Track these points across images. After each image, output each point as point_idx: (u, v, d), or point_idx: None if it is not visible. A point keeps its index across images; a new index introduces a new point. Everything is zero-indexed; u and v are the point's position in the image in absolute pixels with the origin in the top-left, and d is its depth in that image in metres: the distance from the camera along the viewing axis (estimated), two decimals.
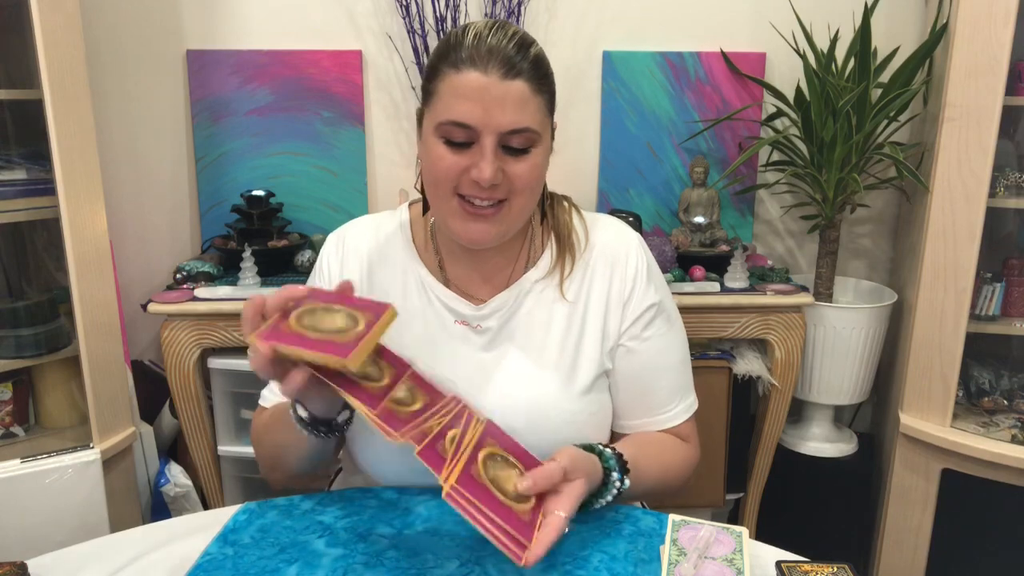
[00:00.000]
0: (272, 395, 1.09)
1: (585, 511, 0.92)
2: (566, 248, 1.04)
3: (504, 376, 1.00)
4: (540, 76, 0.93)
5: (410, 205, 1.11)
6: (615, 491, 0.91)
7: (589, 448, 0.92)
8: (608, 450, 0.93)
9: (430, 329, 1.02)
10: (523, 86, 0.90)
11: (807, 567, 0.80)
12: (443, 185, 0.93)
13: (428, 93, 0.94)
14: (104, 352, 1.61)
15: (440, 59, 0.92)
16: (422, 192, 1.04)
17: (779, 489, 1.93)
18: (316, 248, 1.86)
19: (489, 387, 0.99)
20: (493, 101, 0.89)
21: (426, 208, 1.06)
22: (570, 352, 1.01)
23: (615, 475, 0.91)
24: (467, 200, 0.93)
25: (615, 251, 1.05)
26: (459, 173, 0.92)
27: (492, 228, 0.95)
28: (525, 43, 0.92)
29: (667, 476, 1.03)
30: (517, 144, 0.92)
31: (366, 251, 1.06)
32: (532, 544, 0.76)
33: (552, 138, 0.99)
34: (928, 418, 1.75)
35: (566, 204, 1.09)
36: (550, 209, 1.07)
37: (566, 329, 1.02)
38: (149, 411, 1.90)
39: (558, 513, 0.79)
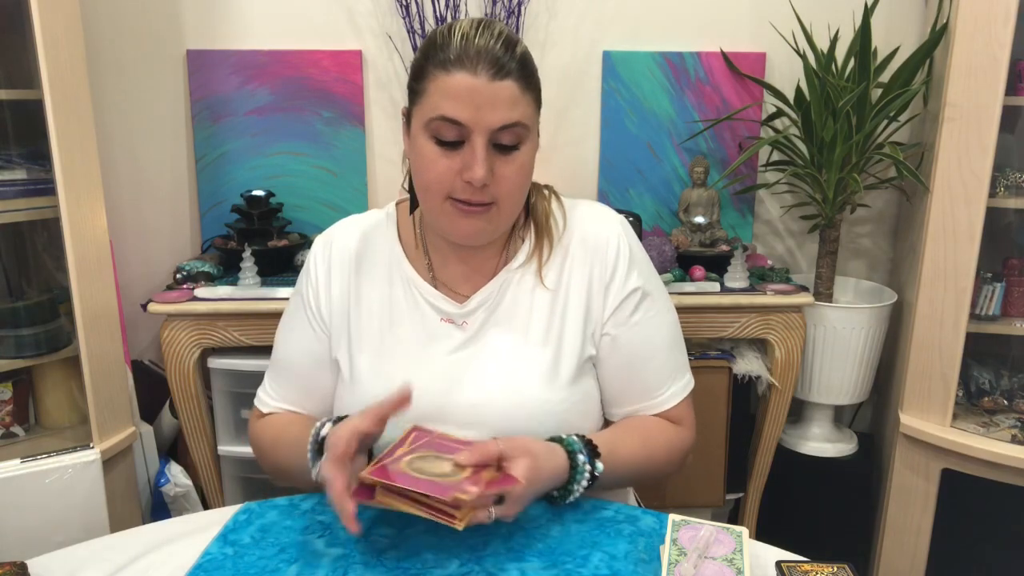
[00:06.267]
0: (269, 399, 1.10)
1: (564, 501, 0.92)
2: (544, 234, 1.04)
3: (486, 370, 1.00)
4: (527, 75, 0.93)
5: (397, 204, 1.11)
6: (587, 475, 0.91)
7: (554, 440, 0.93)
8: (572, 436, 0.94)
9: (415, 329, 1.03)
10: (512, 85, 0.91)
11: (807, 567, 0.80)
12: (435, 191, 0.94)
13: (416, 92, 0.95)
14: (104, 352, 1.61)
15: (427, 59, 0.92)
16: (410, 191, 1.05)
17: (779, 489, 1.93)
18: None
19: (471, 382, 1.00)
20: (484, 101, 0.89)
21: (413, 206, 1.06)
22: (553, 341, 1.01)
23: (581, 457, 0.91)
24: (459, 201, 0.94)
25: (596, 236, 1.04)
26: (451, 178, 0.92)
27: (483, 225, 0.96)
28: (511, 42, 0.92)
29: (653, 459, 1.03)
30: (508, 140, 0.92)
31: (353, 254, 1.06)
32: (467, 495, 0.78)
33: (538, 135, 0.99)
34: (928, 418, 1.75)
35: (546, 192, 1.08)
36: (532, 201, 1.07)
37: (548, 317, 1.02)
38: (149, 411, 1.90)
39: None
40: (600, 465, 0.93)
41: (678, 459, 1.06)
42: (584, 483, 0.92)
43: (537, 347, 1.01)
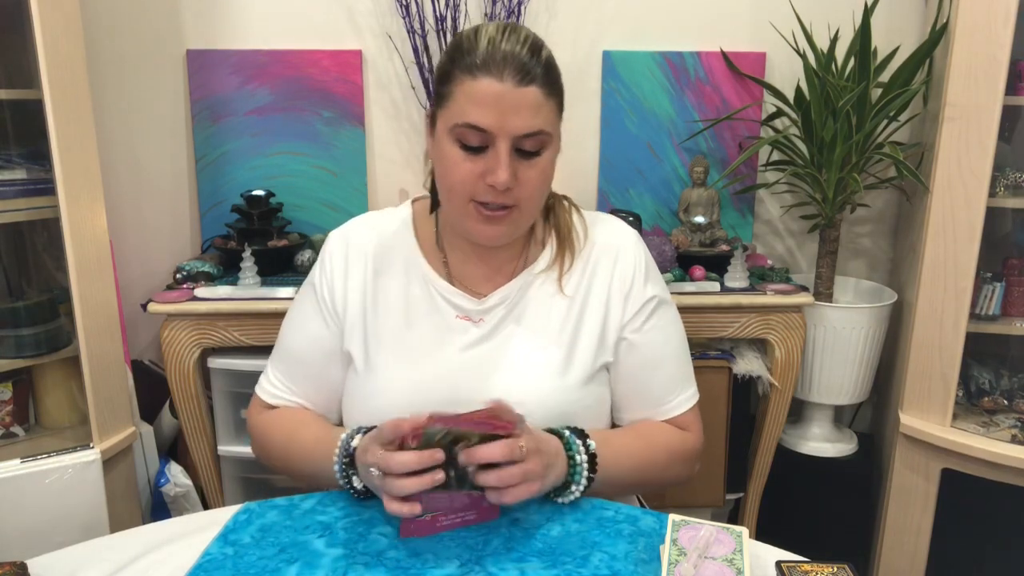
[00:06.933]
0: (275, 389, 1.10)
1: (567, 487, 0.94)
2: (566, 245, 1.07)
3: (500, 368, 1.02)
4: (552, 80, 0.95)
5: (413, 202, 1.12)
6: (579, 445, 0.94)
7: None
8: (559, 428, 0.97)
9: (431, 325, 1.04)
10: (537, 91, 0.92)
11: (807, 567, 0.80)
12: (459, 193, 0.96)
13: (442, 96, 0.96)
14: (104, 352, 1.61)
15: (454, 63, 0.94)
16: (431, 191, 1.07)
17: (779, 489, 1.93)
18: (316, 248, 1.86)
19: (485, 379, 1.01)
20: (509, 107, 0.91)
21: (434, 206, 1.07)
22: (567, 342, 1.03)
23: (566, 432, 0.95)
24: (481, 204, 0.96)
25: (616, 247, 1.08)
26: (474, 180, 0.94)
27: (505, 229, 0.98)
28: (536, 47, 0.94)
29: (652, 454, 1.05)
30: (530, 147, 0.94)
31: (371, 251, 1.07)
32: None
33: (559, 139, 1.01)
34: (928, 418, 1.75)
35: (566, 203, 1.11)
36: (551, 208, 1.10)
37: (563, 323, 1.04)
38: (149, 411, 1.90)
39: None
40: (592, 443, 0.95)
41: (680, 460, 1.08)
42: (580, 454, 0.93)
43: (550, 347, 1.03)
